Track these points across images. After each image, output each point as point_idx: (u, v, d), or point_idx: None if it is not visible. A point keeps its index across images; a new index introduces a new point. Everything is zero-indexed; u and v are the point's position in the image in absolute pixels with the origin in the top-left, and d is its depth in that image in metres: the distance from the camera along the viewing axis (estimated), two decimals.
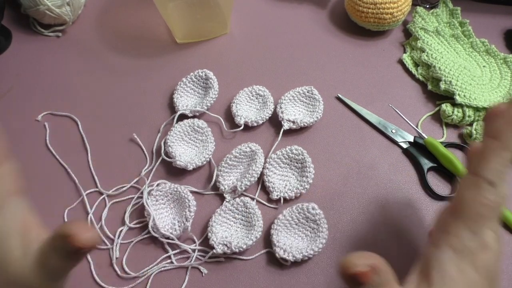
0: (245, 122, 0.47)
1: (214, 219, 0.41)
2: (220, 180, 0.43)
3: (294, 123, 0.47)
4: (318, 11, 0.58)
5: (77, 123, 0.48)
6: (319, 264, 0.40)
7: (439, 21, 0.56)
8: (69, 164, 0.46)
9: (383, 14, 0.52)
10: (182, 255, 0.41)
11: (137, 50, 0.54)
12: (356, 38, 0.56)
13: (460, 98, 0.47)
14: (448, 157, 0.44)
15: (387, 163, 0.46)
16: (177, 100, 0.49)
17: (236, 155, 0.44)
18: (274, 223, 0.41)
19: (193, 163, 0.43)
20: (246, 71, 0.53)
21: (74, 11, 0.54)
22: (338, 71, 0.53)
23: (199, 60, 0.53)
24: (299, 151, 0.44)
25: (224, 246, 0.39)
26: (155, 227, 0.40)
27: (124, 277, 0.39)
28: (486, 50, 0.53)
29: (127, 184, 0.44)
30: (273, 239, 0.40)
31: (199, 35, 0.55)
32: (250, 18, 0.58)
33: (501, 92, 0.48)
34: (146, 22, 0.57)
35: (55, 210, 0.43)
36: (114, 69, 0.53)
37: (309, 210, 0.40)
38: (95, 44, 0.55)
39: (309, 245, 0.39)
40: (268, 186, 0.44)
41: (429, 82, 0.50)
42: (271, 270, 0.40)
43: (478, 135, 0.45)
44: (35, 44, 0.55)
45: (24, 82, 0.52)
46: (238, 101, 0.48)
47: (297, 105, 0.49)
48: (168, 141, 0.45)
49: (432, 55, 0.51)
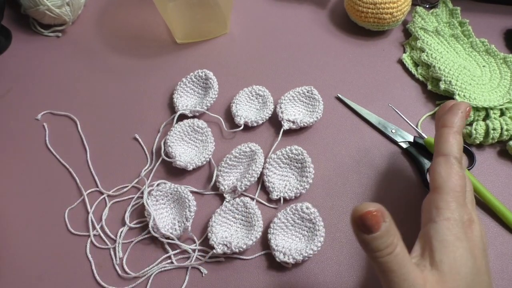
0: (245, 122, 0.47)
1: (214, 219, 0.41)
2: (220, 180, 0.43)
3: (294, 123, 0.47)
4: (318, 11, 0.59)
5: (76, 123, 0.48)
6: (319, 264, 0.40)
7: (439, 21, 0.56)
8: (69, 163, 0.46)
9: (383, 14, 0.52)
10: (182, 255, 0.41)
11: (137, 50, 0.54)
12: (356, 38, 0.56)
13: (460, 98, 0.47)
14: None
15: (387, 163, 0.46)
16: (177, 100, 0.49)
17: (236, 155, 0.44)
18: (270, 227, 0.41)
19: (193, 163, 0.44)
20: (246, 71, 0.53)
21: (74, 11, 0.54)
22: (338, 71, 0.53)
23: (199, 60, 0.54)
24: (299, 151, 0.44)
25: (224, 246, 0.39)
26: (155, 227, 0.40)
27: (124, 277, 0.39)
28: (485, 50, 0.53)
29: (127, 184, 0.44)
30: (271, 243, 0.40)
31: (199, 35, 0.55)
32: (250, 18, 0.58)
33: (500, 92, 0.49)
34: (146, 22, 0.57)
35: (56, 209, 0.43)
36: (114, 69, 0.53)
37: (303, 209, 0.40)
38: (95, 44, 0.55)
39: (307, 245, 0.39)
40: (268, 186, 0.44)
41: (429, 82, 0.51)
42: (271, 270, 0.40)
43: (478, 135, 0.45)
44: (35, 44, 0.55)
45: (24, 82, 0.52)
46: (238, 101, 0.48)
47: (297, 105, 0.49)
48: (168, 141, 0.45)
49: (432, 55, 0.51)
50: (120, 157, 0.46)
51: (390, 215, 0.28)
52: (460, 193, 0.32)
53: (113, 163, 0.46)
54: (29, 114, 0.49)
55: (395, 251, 0.28)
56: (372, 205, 0.27)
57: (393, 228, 0.28)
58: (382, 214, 0.27)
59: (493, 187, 0.44)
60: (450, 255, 0.30)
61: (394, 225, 0.28)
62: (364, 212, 0.27)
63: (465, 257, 0.30)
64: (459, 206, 0.31)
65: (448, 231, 0.30)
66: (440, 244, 0.30)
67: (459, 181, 0.32)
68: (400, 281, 0.28)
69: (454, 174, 0.32)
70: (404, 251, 0.28)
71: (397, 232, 0.28)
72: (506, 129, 0.45)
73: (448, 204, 0.31)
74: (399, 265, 0.28)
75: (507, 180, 0.45)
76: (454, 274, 0.29)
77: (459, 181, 0.32)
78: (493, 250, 0.41)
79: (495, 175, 0.45)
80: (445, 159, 0.33)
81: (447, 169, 0.33)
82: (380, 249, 0.28)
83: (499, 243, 0.41)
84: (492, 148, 0.47)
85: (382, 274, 0.29)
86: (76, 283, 0.39)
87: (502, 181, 0.45)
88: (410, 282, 0.28)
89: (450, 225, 0.31)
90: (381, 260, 0.28)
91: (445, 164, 0.33)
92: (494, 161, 0.46)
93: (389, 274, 0.28)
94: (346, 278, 0.39)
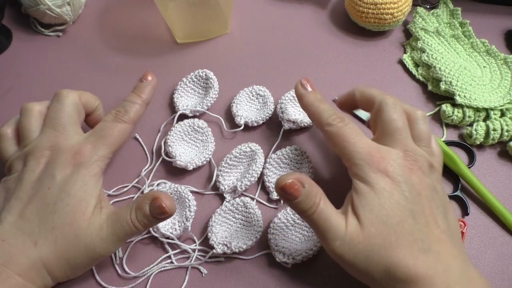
0: (245, 122, 0.47)
1: (214, 219, 0.41)
2: (220, 180, 0.43)
3: (294, 123, 0.47)
4: (318, 11, 0.58)
5: None
6: (319, 264, 0.40)
7: (440, 22, 0.56)
8: None
9: (384, 14, 0.52)
10: (182, 255, 0.41)
11: (137, 50, 0.54)
12: (356, 38, 0.56)
13: (460, 98, 0.47)
14: (450, 155, 0.44)
15: None
16: (177, 100, 0.49)
17: (236, 155, 0.44)
18: (270, 227, 0.41)
19: (193, 163, 0.44)
20: (246, 71, 0.53)
21: (74, 11, 0.54)
22: (338, 71, 0.53)
23: (199, 60, 0.53)
24: (299, 151, 0.44)
25: (224, 246, 0.39)
26: (155, 226, 0.40)
27: (124, 276, 0.39)
28: (486, 50, 0.53)
29: (127, 183, 0.44)
30: (271, 243, 0.40)
31: (199, 35, 0.55)
32: (250, 18, 0.58)
33: (501, 92, 0.49)
34: (146, 22, 0.57)
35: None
36: (114, 69, 0.53)
37: None
38: (95, 44, 0.55)
39: (307, 245, 0.39)
40: (268, 186, 0.44)
41: (429, 83, 0.50)
42: (271, 270, 0.40)
43: (478, 136, 0.45)
44: (35, 43, 0.55)
45: (24, 81, 0.52)
46: (238, 101, 0.48)
47: (297, 105, 0.49)
48: (168, 141, 0.45)
49: (433, 56, 0.51)
50: (120, 157, 0.46)
51: (309, 179, 0.33)
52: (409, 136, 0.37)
53: (113, 163, 0.46)
54: None
55: (318, 209, 0.33)
56: (289, 177, 0.33)
57: (313, 191, 0.33)
58: (300, 181, 0.33)
59: (493, 187, 0.44)
60: (362, 201, 0.33)
61: (314, 187, 0.33)
62: (282, 184, 0.32)
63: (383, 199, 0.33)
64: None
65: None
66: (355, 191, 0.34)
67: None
68: (325, 231, 0.33)
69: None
70: (327, 205, 0.33)
71: (318, 192, 0.33)
72: (506, 130, 0.45)
73: (410, 147, 0.36)
74: (324, 219, 0.33)
75: (507, 181, 0.45)
76: (373, 217, 0.32)
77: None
78: (493, 251, 0.41)
79: (495, 175, 0.45)
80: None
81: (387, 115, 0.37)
82: (305, 210, 0.33)
83: (499, 244, 0.41)
84: (492, 148, 0.47)
85: (313, 228, 0.34)
86: (76, 282, 0.39)
87: (502, 182, 0.45)
88: (333, 229, 0.32)
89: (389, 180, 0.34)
90: (309, 218, 0.33)
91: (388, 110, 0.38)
92: (494, 162, 0.46)
93: (317, 227, 0.33)
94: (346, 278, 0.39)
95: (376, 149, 0.35)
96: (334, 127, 0.36)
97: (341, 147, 0.36)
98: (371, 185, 0.33)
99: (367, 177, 0.33)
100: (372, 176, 0.33)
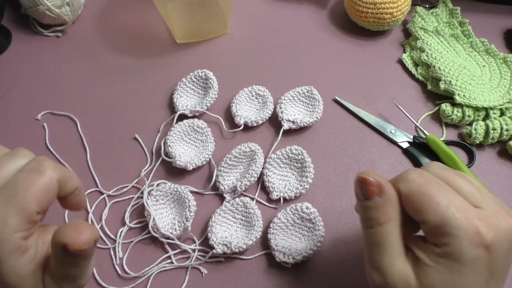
0: (245, 122, 0.47)
1: (214, 219, 0.41)
2: (220, 180, 0.43)
3: (294, 123, 0.47)
4: (318, 11, 0.58)
5: (76, 123, 0.48)
6: (319, 264, 0.40)
7: (439, 21, 0.56)
8: (69, 163, 0.46)
9: (383, 14, 0.52)
10: (182, 255, 0.41)
11: (137, 50, 0.54)
12: (356, 38, 0.56)
13: (460, 98, 0.47)
14: (450, 155, 0.44)
15: (387, 162, 0.46)
16: (177, 100, 0.49)
17: (236, 155, 0.44)
18: (270, 227, 0.41)
19: (193, 163, 0.44)
20: (246, 71, 0.53)
21: (74, 11, 0.54)
22: (338, 71, 0.53)
23: (199, 60, 0.54)
24: (299, 151, 0.44)
25: (224, 246, 0.39)
26: (155, 227, 0.40)
27: (124, 277, 0.39)
28: (485, 49, 0.53)
29: (127, 184, 0.44)
30: (271, 243, 0.40)
31: (199, 35, 0.55)
32: (250, 18, 0.58)
33: (500, 91, 0.49)
34: (146, 22, 0.57)
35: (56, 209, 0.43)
36: (114, 69, 0.53)
37: (303, 209, 0.40)
38: (95, 44, 0.55)
39: (307, 245, 0.39)
40: (268, 186, 0.44)
41: (429, 82, 0.51)
42: (271, 270, 0.40)
43: (477, 135, 0.45)
44: (35, 44, 0.55)
45: (24, 82, 0.52)
46: (238, 101, 0.48)
47: (297, 105, 0.49)
48: (168, 141, 0.45)
49: (432, 55, 0.51)
50: (120, 157, 0.46)
51: (394, 197, 0.28)
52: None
53: (113, 163, 0.46)
54: (29, 114, 0.49)
55: (381, 228, 0.28)
56: (377, 177, 0.28)
57: (387, 207, 0.28)
58: (380, 189, 0.28)
59: (493, 187, 0.44)
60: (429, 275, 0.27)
61: (391, 205, 0.28)
62: (365, 177, 0.28)
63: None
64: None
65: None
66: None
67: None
68: (376, 254, 0.28)
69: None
70: (393, 232, 0.28)
71: (392, 213, 0.28)
72: (506, 129, 0.45)
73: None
74: (382, 243, 0.28)
75: (507, 180, 0.45)
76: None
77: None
78: None
79: (495, 175, 0.45)
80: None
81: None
82: (366, 218, 0.29)
83: None
84: (492, 148, 0.47)
85: (365, 245, 0.29)
86: None
87: (502, 181, 0.45)
88: (387, 260, 0.28)
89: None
90: (366, 231, 0.29)
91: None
92: (494, 161, 0.46)
93: (369, 245, 0.29)
94: (346, 278, 0.39)
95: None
96: None
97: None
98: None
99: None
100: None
